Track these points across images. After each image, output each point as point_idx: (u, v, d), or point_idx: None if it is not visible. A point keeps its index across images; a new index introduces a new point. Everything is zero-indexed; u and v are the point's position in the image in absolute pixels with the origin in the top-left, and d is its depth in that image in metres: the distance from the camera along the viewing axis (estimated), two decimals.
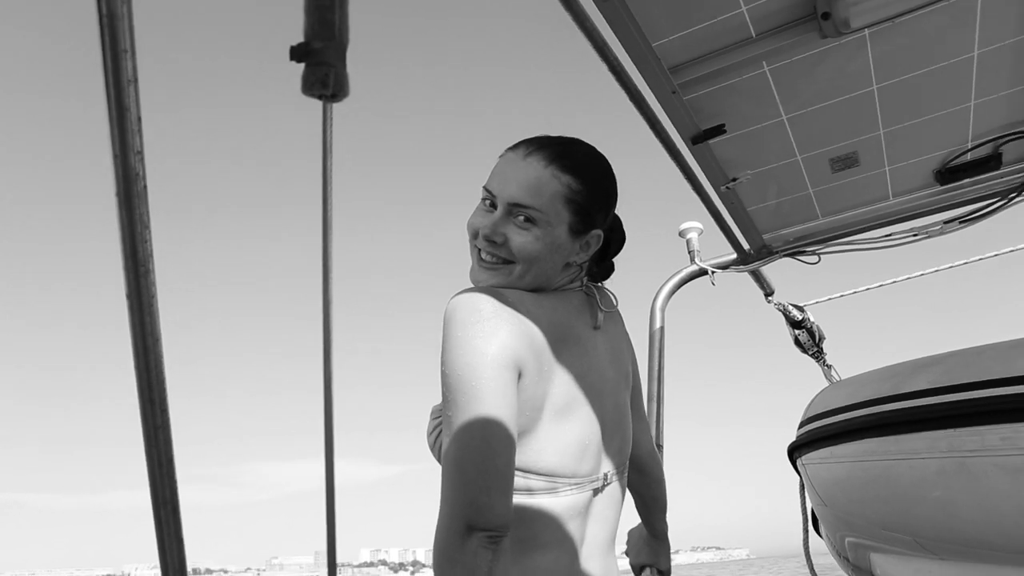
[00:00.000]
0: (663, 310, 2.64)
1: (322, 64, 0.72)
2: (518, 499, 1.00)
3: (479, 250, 1.11)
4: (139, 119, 0.60)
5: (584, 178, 1.09)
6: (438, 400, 1.07)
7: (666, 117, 1.79)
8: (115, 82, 0.58)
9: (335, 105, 0.76)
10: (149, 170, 0.59)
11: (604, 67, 1.57)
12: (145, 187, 0.61)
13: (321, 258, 0.77)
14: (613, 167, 1.18)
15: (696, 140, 1.90)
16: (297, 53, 0.72)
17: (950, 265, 2.69)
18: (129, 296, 0.60)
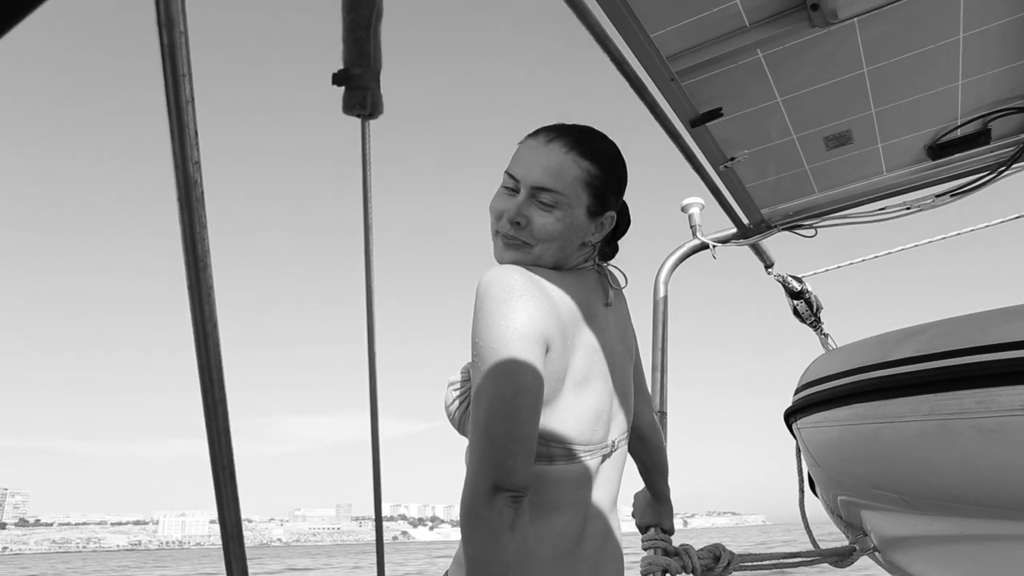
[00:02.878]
0: (666, 283, 2.74)
1: (360, 88, 0.82)
2: (539, 466, 1.09)
3: (502, 232, 1.18)
4: (196, 134, 0.71)
5: (601, 163, 1.17)
6: (459, 360, 1.16)
7: (666, 103, 1.88)
8: (175, 102, 0.69)
9: (371, 121, 0.87)
10: (205, 175, 0.70)
11: (606, 58, 1.66)
12: (202, 193, 0.72)
13: (363, 256, 0.88)
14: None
15: (695, 123, 1.99)
16: (338, 78, 0.82)
17: (943, 236, 2.78)
18: (190, 288, 0.71)
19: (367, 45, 0.82)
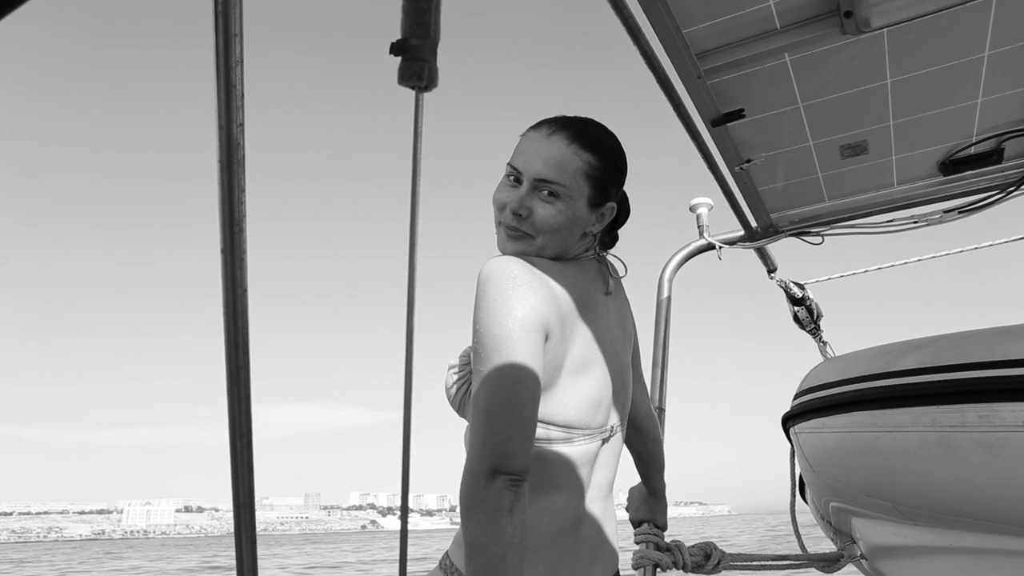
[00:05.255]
0: (671, 281, 2.75)
1: (418, 59, 0.82)
2: (538, 447, 1.12)
3: (504, 223, 1.20)
4: (243, 95, 0.70)
5: (602, 155, 1.19)
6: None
7: (690, 100, 1.89)
8: (225, 62, 0.68)
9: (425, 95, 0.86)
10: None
11: (636, 51, 1.66)
12: (244, 156, 0.71)
13: (408, 231, 0.88)
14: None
15: (716, 123, 2.00)
16: (396, 48, 0.82)
17: (946, 252, 2.81)
18: (224, 251, 0.70)
19: (428, 16, 0.81)
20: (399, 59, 0.82)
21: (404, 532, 0.85)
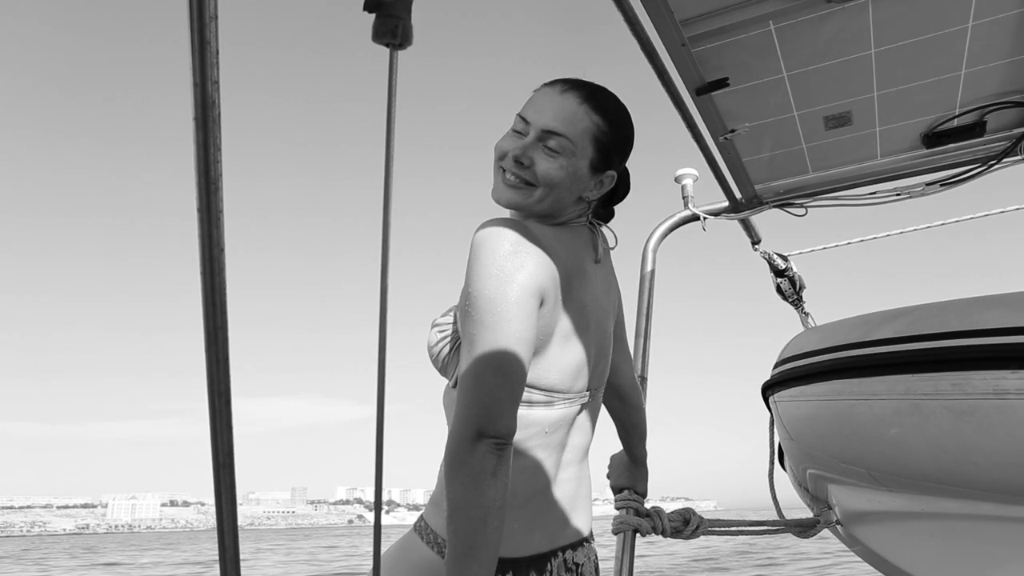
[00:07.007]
0: (655, 252, 2.76)
1: (392, 16, 0.81)
2: (519, 409, 1.12)
3: (504, 171, 1.20)
4: (217, 52, 0.70)
5: (611, 121, 1.20)
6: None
7: (674, 68, 1.88)
8: (199, 17, 0.67)
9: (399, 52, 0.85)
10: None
11: (619, 17, 1.65)
12: (220, 115, 0.71)
13: (382, 198, 0.88)
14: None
15: (700, 91, 1.99)
16: (370, 4, 0.81)
17: (928, 225, 2.83)
18: (200, 210, 0.70)
19: None
20: (373, 16, 0.81)
21: (377, 524, 0.85)
